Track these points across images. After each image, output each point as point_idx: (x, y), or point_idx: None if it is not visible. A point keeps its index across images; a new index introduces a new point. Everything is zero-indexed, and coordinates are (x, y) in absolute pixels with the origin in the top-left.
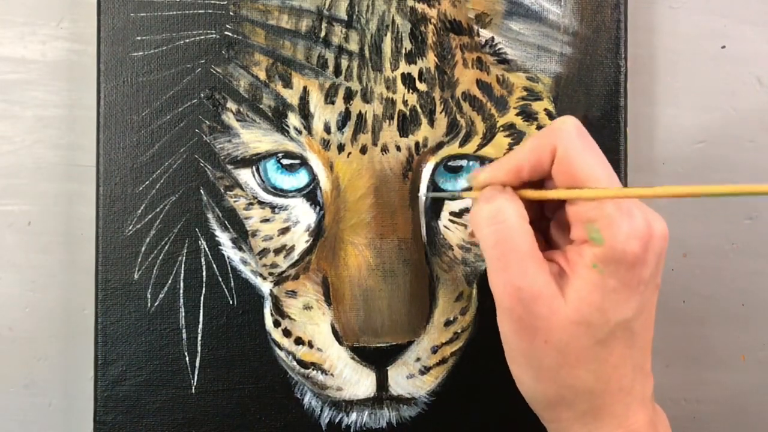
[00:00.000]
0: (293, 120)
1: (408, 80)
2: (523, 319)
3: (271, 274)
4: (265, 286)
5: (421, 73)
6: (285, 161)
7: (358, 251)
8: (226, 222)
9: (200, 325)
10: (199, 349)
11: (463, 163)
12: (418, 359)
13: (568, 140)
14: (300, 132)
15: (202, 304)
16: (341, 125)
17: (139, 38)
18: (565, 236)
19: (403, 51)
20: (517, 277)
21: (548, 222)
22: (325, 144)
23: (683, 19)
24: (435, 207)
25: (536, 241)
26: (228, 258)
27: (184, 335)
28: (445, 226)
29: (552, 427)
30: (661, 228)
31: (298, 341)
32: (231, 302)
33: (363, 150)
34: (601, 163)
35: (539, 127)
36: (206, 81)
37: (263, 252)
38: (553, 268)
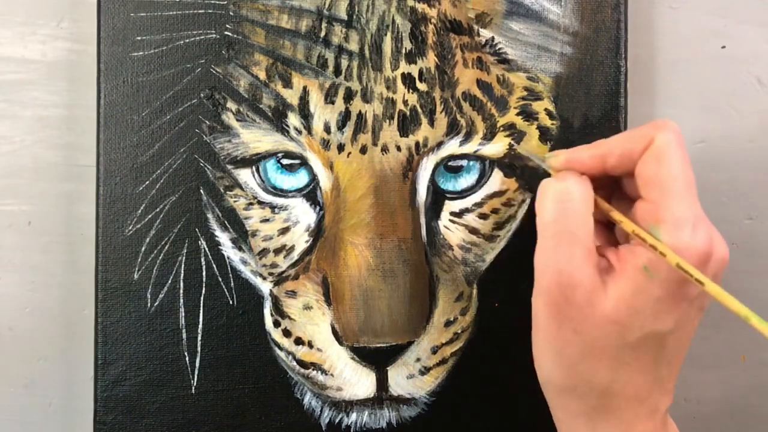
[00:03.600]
0: (293, 120)
1: (408, 80)
2: (558, 304)
3: (271, 274)
4: (265, 286)
5: (421, 72)
6: (285, 161)
7: (358, 251)
8: (226, 222)
9: (200, 325)
10: (199, 349)
11: (464, 162)
12: (418, 359)
13: (669, 136)
14: (300, 132)
15: (202, 304)
16: (341, 125)
17: (139, 38)
18: (626, 234)
19: (403, 51)
20: (562, 260)
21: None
22: (325, 144)
23: (683, 19)
24: (435, 207)
25: (597, 235)
26: (228, 258)
27: (184, 335)
28: (445, 226)
29: (558, 414)
30: (722, 252)
31: (298, 341)
32: (231, 302)
33: (363, 150)
34: (688, 169)
35: (539, 127)
36: (206, 81)
37: (263, 252)
38: (602, 263)
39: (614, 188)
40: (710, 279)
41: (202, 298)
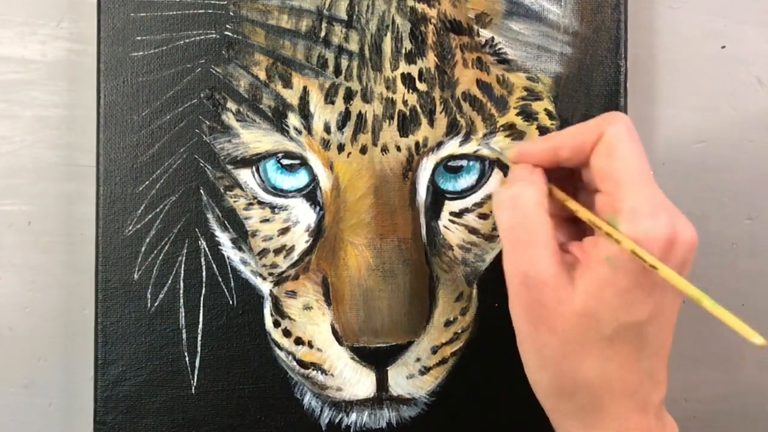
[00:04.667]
0: (293, 120)
1: (408, 80)
2: (530, 305)
3: (271, 274)
4: (265, 287)
5: (421, 73)
6: (285, 161)
7: (358, 251)
8: (226, 222)
9: (200, 325)
10: (199, 349)
11: (463, 162)
12: (418, 359)
13: (619, 128)
14: (300, 132)
15: (202, 304)
16: (341, 125)
17: (139, 38)
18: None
19: (403, 51)
20: (525, 263)
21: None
22: (325, 144)
23: (683, 19)
24: (435, 207)
25: (561, 231)
26: (228, 258)
27: (184, 335)
28: (445, 226)
29: (552, 417)
30: (688, 235)
31: (298, 341)
32: (231, 302)
33: (363, 150)
34: (640, 159)
35: (539, 127)
36: (206, 81)
37: (263, 252)
38: (567, 258)
39: (578, 180)
40: (679, 263)
41: (202, 298)
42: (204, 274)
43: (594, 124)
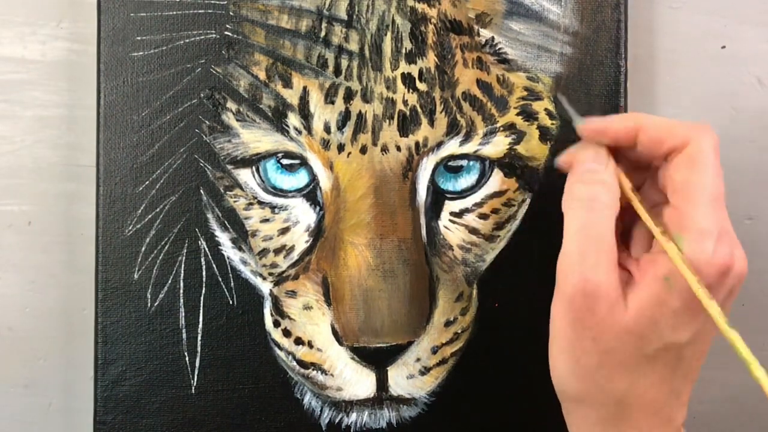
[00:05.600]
0: (293, 120)
1: (408, 80)
2: (580, 311)
3: (271, 274)
4: (265, 286)
5: (421, 72)
6: (285, 161)
7: (358, 251)
8: (226, 222)
9: (200, 325)
10: (199, 349)
11: (463, 162)
12: (418, 359)
13: (707, 144)
14: (300, 132)
15: (202, 304)
16: (341, 125)
17: (139, 38)
18: (645, 243)
19: (403, 51)
20: (589, 269)
21: (632, 222)
22: (325, 144)
23: (683, 19)
24: (435, 207)
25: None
26: (228, 258)
27: (184, 335)
28: (445, 227)
29: (571, 419)
30: (741, 266)
31: (298, 341)
32: (231, 302)
33: (363, 150)
34: (719, 181)
35: (540, 127)
36: (206, 81)
37: (263, 252)
38: (623, 274)
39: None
40: (727, 292)
41: (202, 298)
42: (204, 274)
43: (683, 128)
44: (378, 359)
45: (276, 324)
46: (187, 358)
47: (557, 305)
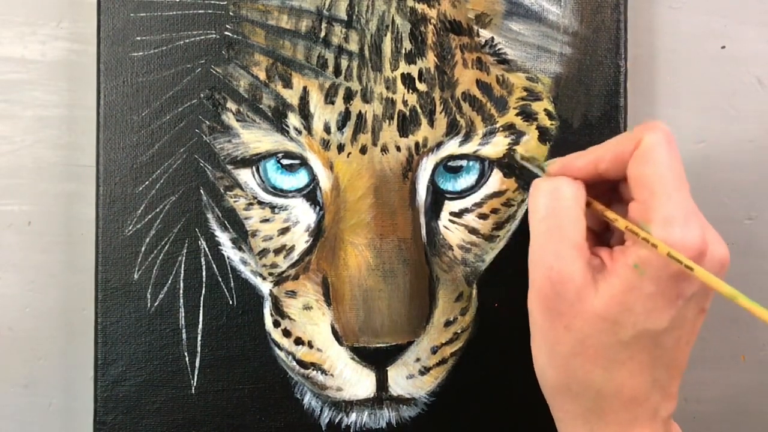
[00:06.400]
0: (293, 120)
1: (408, 80)
2: (549, 299)
3: (270, 274)
4: (265, 287)
5: (420, 73)
6: (285, 161)
7: (358, 251)
8: (226, 222)
9: (200, 325)
10: (199, 349)
11: (463, 163)
12: (417, 359)
13: (656, 136)
14: (300, 132)
15: (202, 304)
16: (341, 125)
17: (139, 38)
18: (621, 238)
19: (403, 51)
20: (552, 256)
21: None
22: (325, 144)
23: (683, 19)
24: (435, 207)
25: (592, 239)
26: (228, 258)
27: (184, 335)
28: (445, 227)
29: (557, 416)
30: (719, 252)
31: (298, 341)
32: (231, 302)
33: (363, 150)
34: (676, 168)
35: (539, 128)
36: (206, 81)
37: (263, 252)
38: (594, 261)
39: (612, 195)
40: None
41: (202, 298)
42: (204, 274)
43: (633, 133)
44: (378, 359)
45: (276, 324)
46: (187, 359)
47: (530, 297)
